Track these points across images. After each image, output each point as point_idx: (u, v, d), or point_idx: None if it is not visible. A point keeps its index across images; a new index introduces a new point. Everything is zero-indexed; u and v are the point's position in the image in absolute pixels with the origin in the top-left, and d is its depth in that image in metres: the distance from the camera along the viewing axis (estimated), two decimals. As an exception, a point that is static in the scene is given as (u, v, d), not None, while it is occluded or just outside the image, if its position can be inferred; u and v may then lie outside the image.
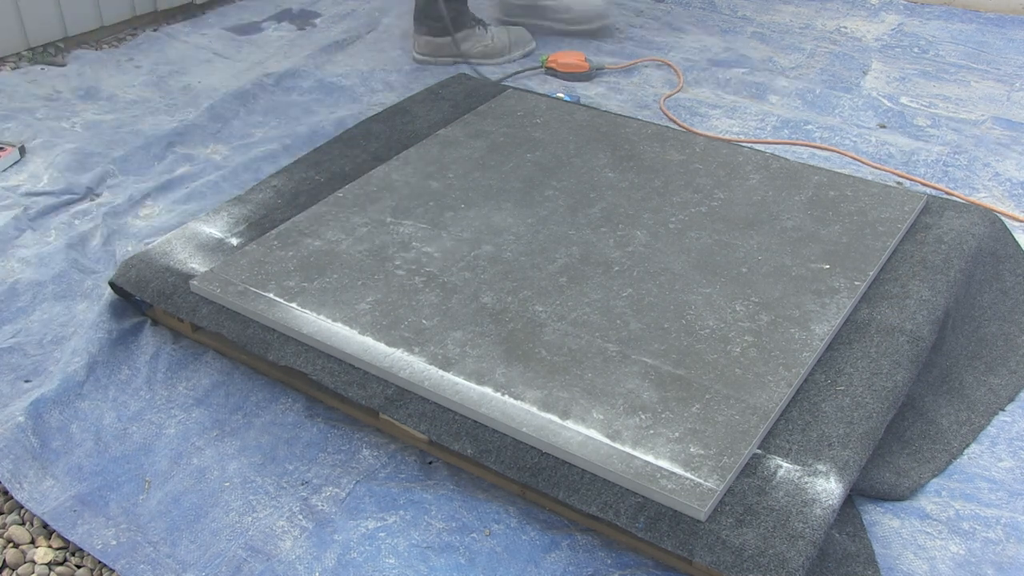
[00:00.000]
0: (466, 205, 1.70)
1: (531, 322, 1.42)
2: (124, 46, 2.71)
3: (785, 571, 1.07)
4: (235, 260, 1.54)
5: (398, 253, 1.57)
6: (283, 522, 1.24)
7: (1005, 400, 1.46)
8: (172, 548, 1.21)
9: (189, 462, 1.33)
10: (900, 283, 1.52)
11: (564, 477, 1.19)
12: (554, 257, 1.56)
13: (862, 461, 1.22)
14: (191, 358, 1.51)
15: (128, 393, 1.45)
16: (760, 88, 2.48)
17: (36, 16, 2.56)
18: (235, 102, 2.33)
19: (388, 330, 1.39)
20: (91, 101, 2.38)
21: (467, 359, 1.34)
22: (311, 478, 1.31)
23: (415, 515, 1.25)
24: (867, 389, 1.31)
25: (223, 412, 1.42)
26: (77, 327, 1.58)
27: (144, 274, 1.54)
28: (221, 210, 1.72)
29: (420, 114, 2.07)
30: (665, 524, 1.13)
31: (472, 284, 1.49)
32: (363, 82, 2.49)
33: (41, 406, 1.39)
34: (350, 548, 1.21)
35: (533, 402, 1.27)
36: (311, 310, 1.43)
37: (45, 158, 2.07)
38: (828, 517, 1.14)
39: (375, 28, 2.84)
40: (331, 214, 1.67)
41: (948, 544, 1.24)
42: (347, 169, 1.85)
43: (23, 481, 1.29)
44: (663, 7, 3.03)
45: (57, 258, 1.72)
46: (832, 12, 2.98)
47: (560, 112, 2.05)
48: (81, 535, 1.23)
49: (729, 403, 1.27)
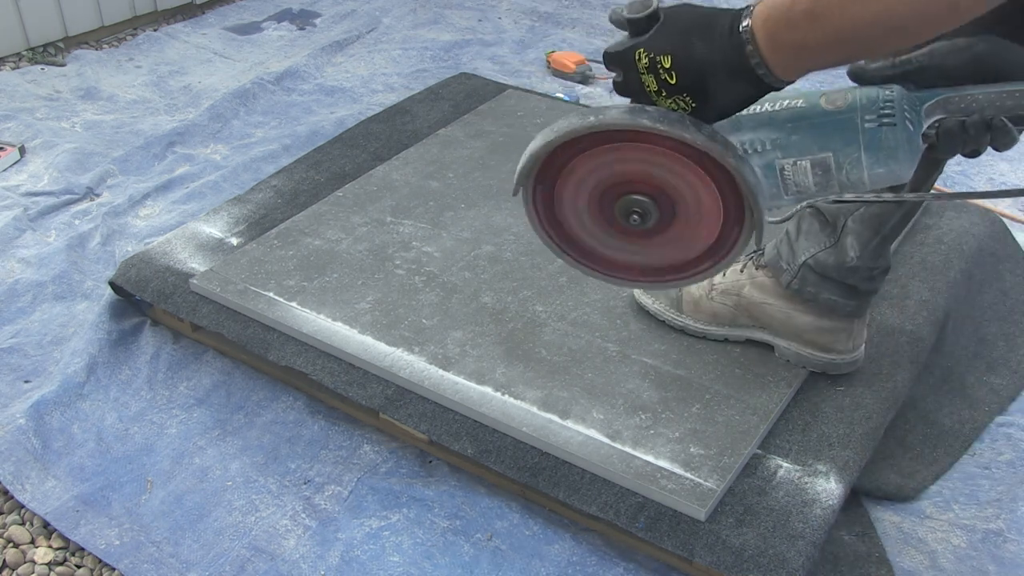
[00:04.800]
0: (466, 205, 1.70)
1: (531, 322, 1.42)
2: (124, 46, 2.71)
3: (785, 571, 1.07)
4: (235, 259, 1.55)
5: (398, 252, 1.57)
6: (286, 521, 1.25)
7: (1007, 400, 1.46)
8: (175, 548, 1.21)
9: (191, 462, 1.33)
10: (900, 284, 1.52)
11: (564, 477, 1.19)
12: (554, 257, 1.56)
13: (862, 461, 1.23)
14: (191, 358, 1.51)
15: (129, 393, 1.45)
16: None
17: (36, 16, 2.56)
18: (235, 102, 2.34)
19: (388, 329, 1.40)
20: (91, 101, 2.38)
21: (467, 359, 1.34)
22: (313, 476, 1.31)
23: (418, 513, 1.25)
24: (867, 389, 1.32)
25: (224, 411, 1.42)
26: (77, 327, 1.58)
27: (144, 274, 1.54)
28: (221, 210, 1.73)
29: (420, 114, 2.07)
30: (665, 524, 1.13)
31: (472, 284, 1.50)
32: (363, 82, 2.49)
33: (42, 407, 1.39)
34: (354, 546, 1.21)
35: (533, 402, 1.27)
36: (311, 309, 1.43)
37: (45, 158, 2.07)
38: (828, 517, 1.14)
39: (375, 28, 2.84)
40: (331, 213, 1.67)
41: (949, 539, 1.24)
42: (347, 169, 1.86)
43: (25, 482, 1.29)
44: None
45: (57, 258, 1.72)
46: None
47: (560, 112, 2.05)
48: (84, 535, 1.23)
49: (729, 403, 1.27)
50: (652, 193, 0.88)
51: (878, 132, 0.79)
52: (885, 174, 0.80)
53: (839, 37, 0.72)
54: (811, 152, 0.81)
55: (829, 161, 0.81)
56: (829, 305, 1.28)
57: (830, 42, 0.73)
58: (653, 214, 0.89)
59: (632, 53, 0.82)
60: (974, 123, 0.75)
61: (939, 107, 0.77)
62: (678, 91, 0.81)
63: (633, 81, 0.83)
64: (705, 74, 0.79)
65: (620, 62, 0.83)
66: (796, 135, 0.81)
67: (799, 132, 0.81)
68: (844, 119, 0.80)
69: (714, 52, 0.78)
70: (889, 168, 0.79)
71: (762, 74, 0.77)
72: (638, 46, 0.81)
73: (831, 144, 0.80)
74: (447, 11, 2.98)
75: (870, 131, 0.79)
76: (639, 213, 0.89)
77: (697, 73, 0.79)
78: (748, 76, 0.78)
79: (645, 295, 1.42)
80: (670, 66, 0.80)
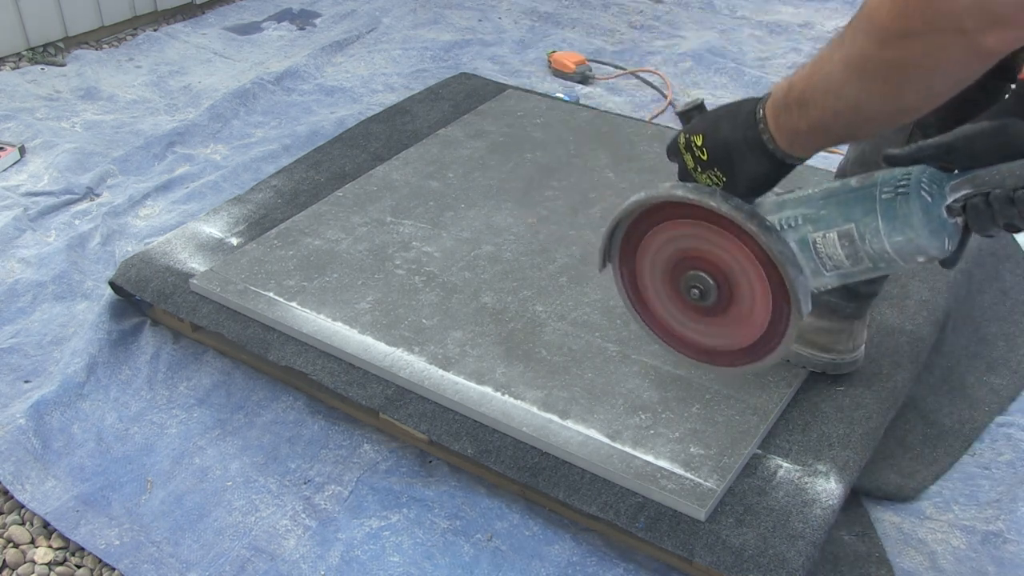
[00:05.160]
0: (466, 205, 1.70)
1: (531, 322, 1.42)
2: (124, 46, 2.71)
3: (785, 571, 1.07)
4: (235, 259, 1.55)
5: (398, 252, 1.57)
6: (286, 521, 1.25)
7: (1007, 399, 1.46)
8: (175, 548, 1.21)
9: (191, 462, 1.33)
10: (900, 284, 1.52)
11: (564, 477, 1.19)
12: (554, 257, 1.56)
13: (862, 461, 1.23)
14: (191, 358, 1.51)
15: (129, 393, 1.45)
16: (759, 88, 2.48)
17: (36, 16, 2.56)
18: (235, 102, 2.34)
19: (388, 329, 1.40)
20: (91, 101, 2.38)
21: (467, 359, 1.34)
22: (313, 476, 1.31)
23: (418, 513, 1.25)
24: (867, 389, 1.32)
25: (224, 411, 1.42)
26: (77, 327, 1.58)
27: (144, 274, 1.54)
28: (221, 210, 1.73)
29: (420, 114, 2.07)
30: (665, 524, 1.13)
31: (472, 284, 1.50)
32: (363, 82, 2.49)
33: (42, 407, 1.39)
34: (354, 546, 1.21)
35: (533, 402, 1.27)
36: (311, 309, 1.43)
37: (45, 158, 2.07)
38: (828, 517, 1.14)
39: (375, 28, 2.84)
40: (331, 213, 1.67)
41: (949, 539, 1.24)
42: (347, 169, 1.86)
43: (25, 482, 1.29)
44: (663, 7, 3.04)
45: (57, 258, 1.72)
46: (831, 11, 2.99)
47: (560, 112, 2.05)
48: (84, 535, 1.23)
49: (729, 403, 1.27)
50: (710, 271, 0.98)
51: (893, 202, 0.85)
52: (904, 243, 0.85)
53: (823, 123, 0.83)
54: (837, 224, 0.88)
55: (853, 232, 0.87)
56: (829, 306, 1.28)
57: (816, 127, 0.84)
58: (712, 291, 0.99)
59: (677, 138, 0.98)
60: (997, 197, 0.79)
61: (966, 183, 0.81)
62: (709, 166, 0.94)
63: (680, 163, 0.98)
64: (730, 150, 0.92)
65: (671, 149, 0.99)
66: (825, 210, 0.89)
67: (828, 207, 0.89)
68: (865, 192, 0.87)
69: (736, 131, 0.91)
70: (907, 236, 0.84)
71: (772, 149, 0.89)
72: (681, 132, 0.98)
73: (853, 215, 0.87)
74: (447, 11, 2.98)
75: (886, 201, 0.85)
76: (699, 289, 0.99)
77: (723, 149, 0.92)
78: (763, 152, 0.89)
79: None
80: (701, 144, 0.94)
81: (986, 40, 0.70)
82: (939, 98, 0.78)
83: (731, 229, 0.93)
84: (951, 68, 0.74)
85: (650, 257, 1.04)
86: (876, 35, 0.76)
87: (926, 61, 0.74)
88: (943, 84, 0.76)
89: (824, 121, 0.84)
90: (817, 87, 0.83)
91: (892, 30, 0.74)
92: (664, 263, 1.03)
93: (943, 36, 0.71)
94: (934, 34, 0.71)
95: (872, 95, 0.79)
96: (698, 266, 0.99)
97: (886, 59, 0.76)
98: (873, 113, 0.80)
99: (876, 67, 0.77)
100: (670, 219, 0.98)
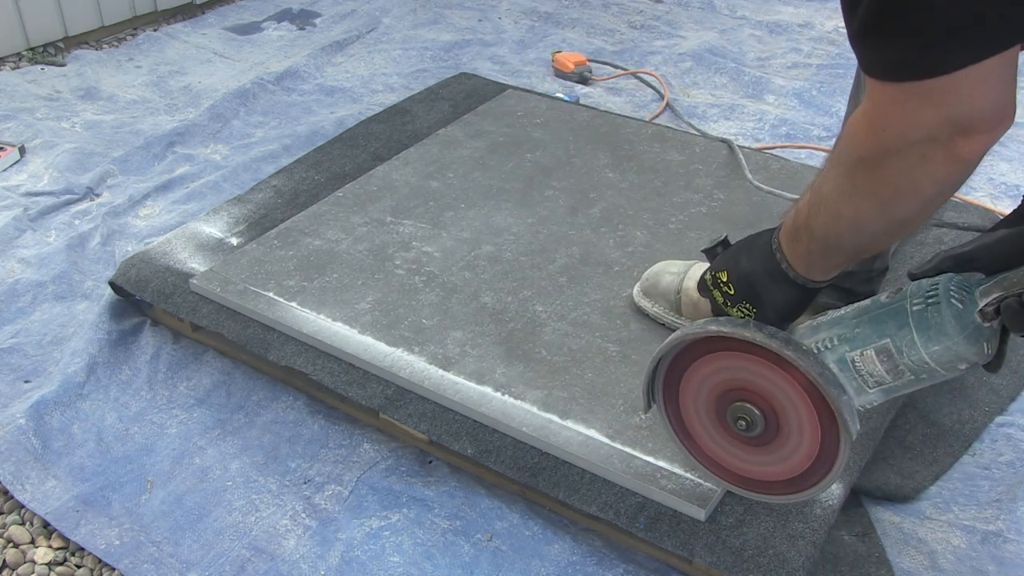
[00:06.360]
0: (466, 205, 1.70)
1: (531, 322, 1.42)
2: (124, 46, 2.71)
3: (785, 571, 1.07)
4: (235, 259, 1.55)
5: (398, 252, 1.57)
6: (286, 521, 1.25)
7: (1007, 400, 1.46)
8: (175, 548, 1.21)
9: (191, 462, 1.34)
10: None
11: (564, 477, 1.19)
12: (554, 257, 1.56)
13: (862, 461, 1.23)
14: (191, 358, 1.51)
15: (129, 393, 1.45)
16: (758, 88, 2.48)
17: (36, 16, 2.56)
18: (235, 102, 2.34)
19: (388, 329, 1.40)
20: (91, 101, 2.38)
21: (467, 359, 1.34)
22: (313, 476, 1.31)
23: (418, 513, 1.25)
24: (867, 389, 1.31)
25: (224, 411, 1.42)
26: (77, 327, 1.58)
27: (144, 274, 1.54)
28: (221, 210, 1.73)
29: (420, 114, 2.07)
30: (665, 524, 1.13)
31: (472, 284, 1.50)
32: (363, 82, 2.49)
33: (42, 407, 1.39)
34: (354, 546, 1.21)
35: (533, 402, 1.27)
36: (311, 309, 1.43)
37: (45, 158, 2.07)
38: (828, 517, 1.14)
39: (375, 28, 2.84)
40: (331, 214, 1.67)
41: (949, 539, 1.24)
42: (347, 169, 1.86)
43: (25, 482, 1.29)
44: (663, 7, 3.04)
45: (57, 258, 1.72)
46: (830, 11, 2.99)
47: (560, 112, 2.05)
48: (84, 535, 1.23)
49: (729, 403, 1.27)
50: (754, 401, 0.99)
51: (924, 312, 0.85)
52: (943, 351, 0.85)
53: (831, 244, 0.87)
54: (873, 341, 0.89)
55: (890, 347, 0.88)
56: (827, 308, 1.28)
57: (826, 249, 0.87)
58: (758, 421, 0.99)
59: (705, 275, 1.01)
60: None
61: (996, 287, 0.82)
62: (738, 300, 0.97)
63: (711, 299, 1.01)
64: (753, 282, 0.95)
65: (701, 287, 1.02)
66: (859, 328, 0.90)
67: (861, 325, 0.90)
68: (896, 307, 0.88)
69: (756, 263, 0.94)
70: (944, 345, 0.84)
71: (793, 277, 0.91)
72: (708, 269, 1.01)
73: (888, 330, 0.88)
74: (447, 11, 2.98)
75: (917, 312, 0.86)
76: (745, 420, 1.00)
77: (747, 282, 0.95)
78: (786, 280, 0.92)
79: (644, 299, 1.42)
80: (727, 279, 0.97)
81: (960, 149, 0.72)
82: (933, 206, 0.80)
83: (769, 358, 0.94)
84: (935, 177, 0.75)
85: (692, 393, 1.05)
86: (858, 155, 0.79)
87: (909, 174, 0.76)
88: (932, 193, 0.77)
89: (831, 242, 0.86)
90: (818, 211, 0.85)
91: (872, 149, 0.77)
92: (707, 397, 1.03)
93: (919, 148, 0.73)
94: (910, 148, 0.74)
95: (867, 213, 0.81)
96: (742, 397, 1.00)
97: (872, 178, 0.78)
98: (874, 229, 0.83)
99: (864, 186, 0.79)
100: (708, 353, 1.00)
